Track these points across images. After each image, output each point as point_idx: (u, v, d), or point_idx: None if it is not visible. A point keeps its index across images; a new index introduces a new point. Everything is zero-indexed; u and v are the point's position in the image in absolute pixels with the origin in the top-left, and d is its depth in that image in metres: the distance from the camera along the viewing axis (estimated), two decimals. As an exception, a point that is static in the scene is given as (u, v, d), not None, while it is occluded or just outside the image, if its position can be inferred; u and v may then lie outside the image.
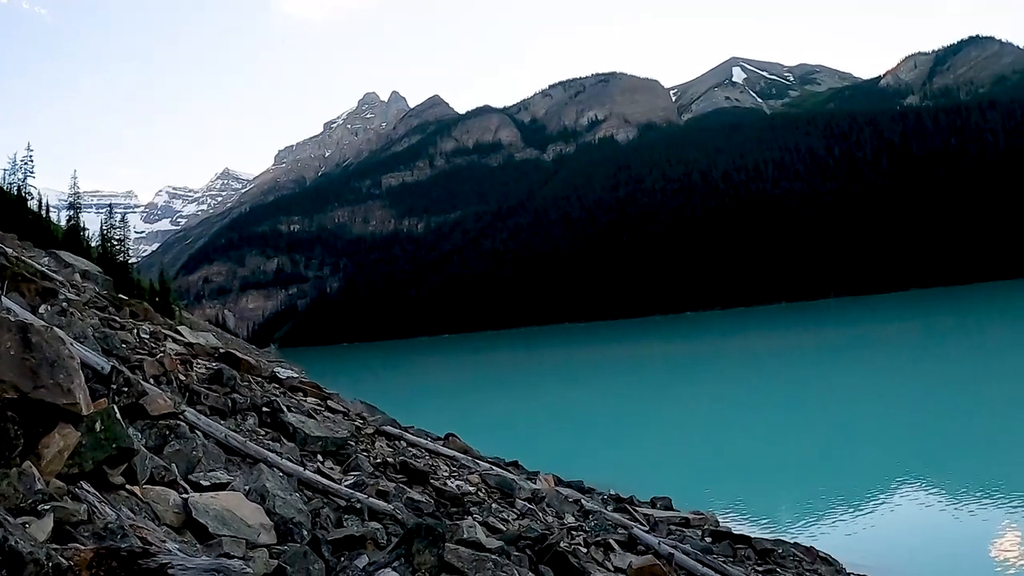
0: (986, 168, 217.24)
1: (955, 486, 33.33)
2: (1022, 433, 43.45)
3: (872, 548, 24.95)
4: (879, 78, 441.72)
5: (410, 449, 15.65)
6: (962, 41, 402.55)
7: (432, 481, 13.15)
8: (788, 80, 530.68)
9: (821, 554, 20.12)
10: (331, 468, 11.84)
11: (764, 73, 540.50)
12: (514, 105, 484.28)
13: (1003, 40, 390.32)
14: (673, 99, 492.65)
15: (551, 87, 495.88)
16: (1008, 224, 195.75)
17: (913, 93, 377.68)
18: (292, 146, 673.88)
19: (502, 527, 11.97)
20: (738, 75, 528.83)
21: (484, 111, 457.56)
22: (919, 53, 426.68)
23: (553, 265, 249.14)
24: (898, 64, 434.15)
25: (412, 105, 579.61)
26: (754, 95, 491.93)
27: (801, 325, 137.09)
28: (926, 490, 32.99)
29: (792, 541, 21.15)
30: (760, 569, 16.81)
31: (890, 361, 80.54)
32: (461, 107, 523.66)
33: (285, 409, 13.10)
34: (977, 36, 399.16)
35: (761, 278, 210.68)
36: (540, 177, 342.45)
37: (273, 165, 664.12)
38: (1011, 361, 71.64)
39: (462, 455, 16.73)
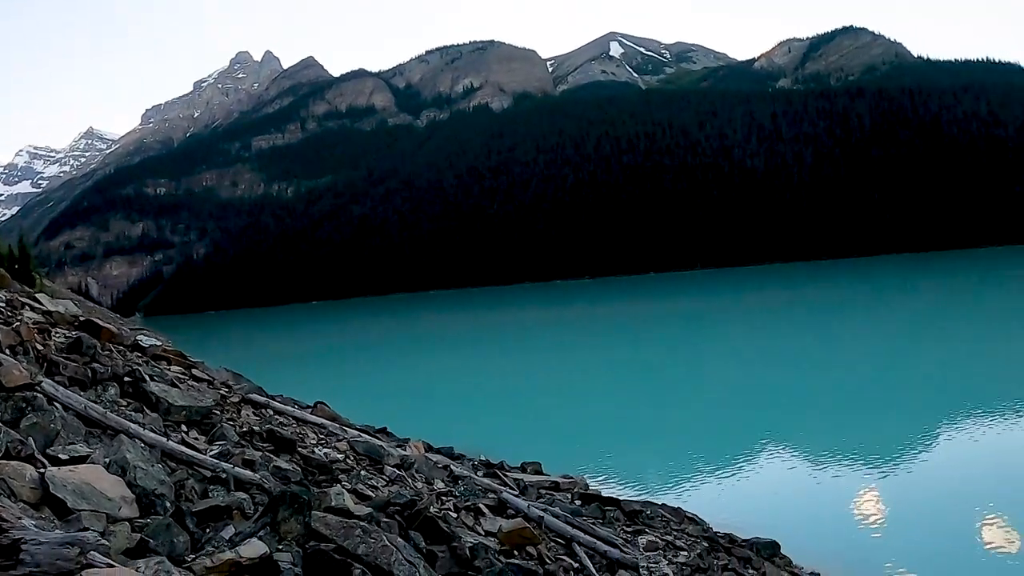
0: (851, 151, 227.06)
1: (817, 447, 34.47)
2: (878, 396, 45.33)
3: (737, 508, 25.61)
4: (753, 60, 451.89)
5: (277, 417, 15.34)
6: (836, 30, 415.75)
7: (300, 449, 12.90)
8: (664, 57, 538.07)
9: (688, 514, 20.47)
10: (196, 438, 11.49)
11: (641, 49, 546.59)
12: (389, 70, 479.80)
13: (875, 32, 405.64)
14: (550, 70, 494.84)
15: (428, 53, 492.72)
16: (869, 204, 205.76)
17: (785, 76, 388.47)
18: (160, 105, 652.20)
19: (371, 494, 11.83)
20: (616, 50, 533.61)
21: (359, 75, 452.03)
22: (794, 39, 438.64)
23: (423, 232, 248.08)
24: (773, 48, 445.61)
25: (286, 66, 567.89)
26: (630, 70, 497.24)
27: (668, 294, 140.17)
28: (790, 451, 34.06)
29: (660, 503, 21.56)
30: (629, 530, 17.02)
31: (753, 328, 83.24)
32: (336, 70, 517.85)
33: (148, 378, 12.73)
34: (851, 27, 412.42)
35: (630, 248, 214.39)
36: (413, 143, 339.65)
37: (140, 125, 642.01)
38: (869, 330, 74.83)
39: (330, 423, 16.53)
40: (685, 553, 16.43)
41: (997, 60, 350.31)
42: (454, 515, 12.98)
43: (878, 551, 23.34)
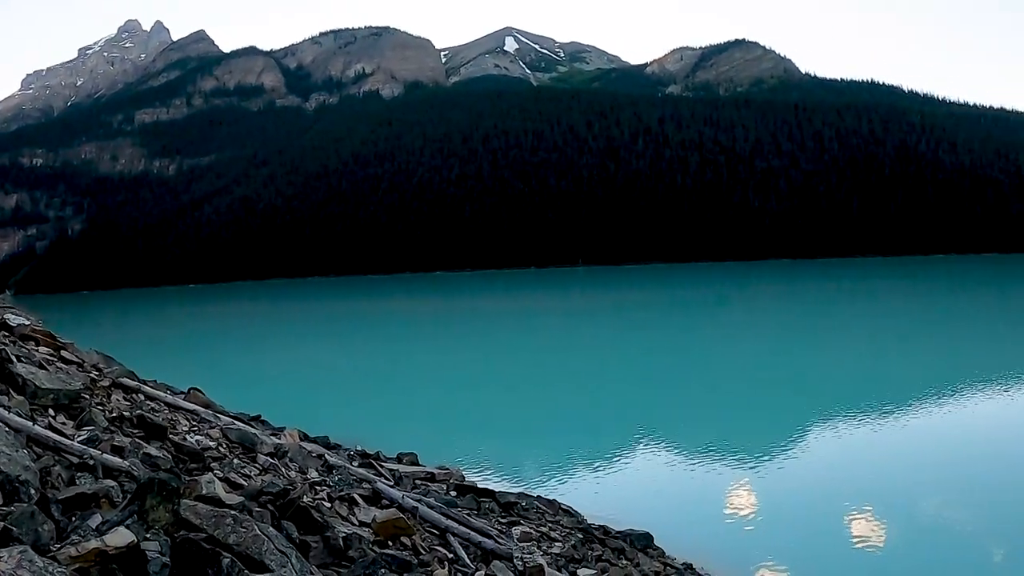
0: (735, 159, 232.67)
1: (690, 442, 35.30)
2: (750, 394, 46.60)
3: (611, 500, 26.13)
4: (646, 65, 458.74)
5: (149, 403, 14.89)
6: (729, 42, 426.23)
7: (171, 436, 12.58)
8: (558, 56, 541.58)
9: (563, 506, 20.77)
10: (63, 423, 11.09)
11: (536, 46, 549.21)
12: (281, 49, 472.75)
13: (766, 47, 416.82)
14: (443, 60, 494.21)
15: (322, 35, 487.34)
16: (748, 211, 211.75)
17: (676, 83, 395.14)
18: (41, 71, 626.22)
19: (244, 483, 11.57)
20: (510, 45, 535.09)
21: (250, 52, 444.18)
22: (687, 47, 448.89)
23: (305, 217, 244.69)
24: (666, 55, 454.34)
25: (175, 38, 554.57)
26: (523, 66, 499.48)
27: (549, 289, 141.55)
28: (663, 446, 34.82)
29: (535, 495, 21.80)
30: (504, 521, 17.06)
31: (629, 325, 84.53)
32: (227, 46, 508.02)
33: (14, 359, 12.34)
34: (743, 40, 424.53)
35: (513, 242, 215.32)
36: (300, 126, 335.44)
37: (19, 90, 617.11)
38: (743, 330, 76.78)
39: (204, 409, 16.22)
40: (560, 544, 16.60)
41: (881, 82, 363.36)
42: (328, 505, 12.86)
43: (749, 543, 24.01)
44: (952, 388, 50.24)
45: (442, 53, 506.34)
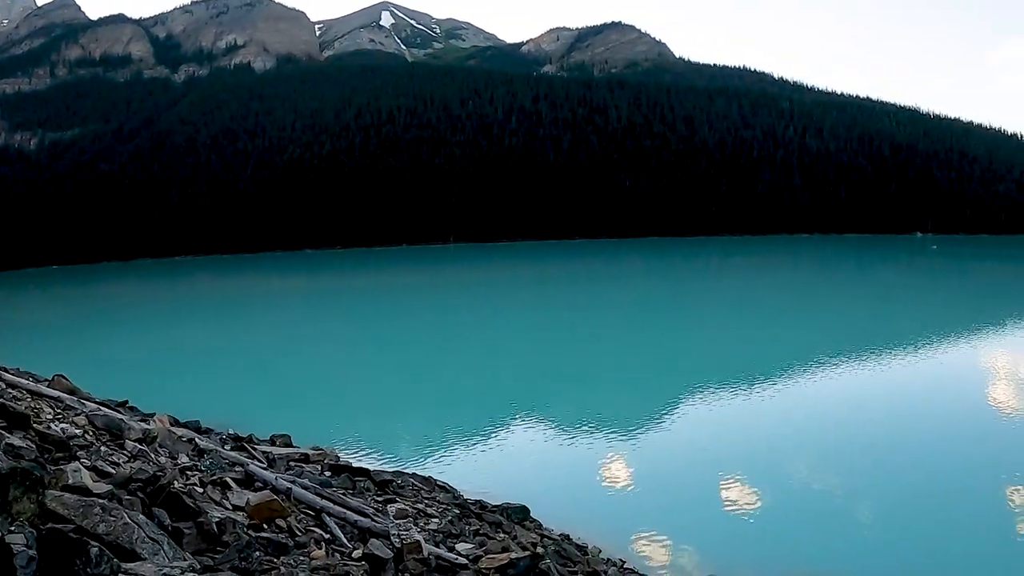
0: (607, 139, 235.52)
1: (564, 417, 36.22)
2: (622, 368, 47.56)
3: (487, 475, 27.34)
4: (522, 44, 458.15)
5: (10, 391, 14.51)
6: (605, 24, 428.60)
7: (35, 425, 12.20)
8: (435, 32, 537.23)
9: (439, 483, 21.28)
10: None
11: (412, 22, 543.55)
12: (151, 18, 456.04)
13: (642, 30, 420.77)
14: (317, 34, 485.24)
15: (193, 3, 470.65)
16: (619, 190, 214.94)
17: (551, 63, 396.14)
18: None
19: (112, 471, 11.38)
20: (386, 19, 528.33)
21: (117, 20, 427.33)
22: (563, 28, 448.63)
23: (173, 194, 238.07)
24: (542, 35, 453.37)
25: (40, 3, 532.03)
26: (399, 41, 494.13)
27: (421, 266, 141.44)
28: (537, 421, 35.61)
29: (411, 472, 22.28)
30: (379, 499, 17.30)
31: (502, 301, 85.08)
32: (94, 12, 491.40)
33: None
34: (620, 22, 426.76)
35: (384, 220, 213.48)
36: (168, 99, 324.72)
37: None
38: (615, 306, 77.98)
39: (68, 396, 15.81)
40: (436, 520, 16.88)
41: (752, 68, 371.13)
42: (200, 490, 12.74)
43: (625, 512, 25.49)
44: (814, 360, 52.60)
45: (316, 26, 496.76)
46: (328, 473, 18.40)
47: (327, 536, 12.80)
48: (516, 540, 17.83)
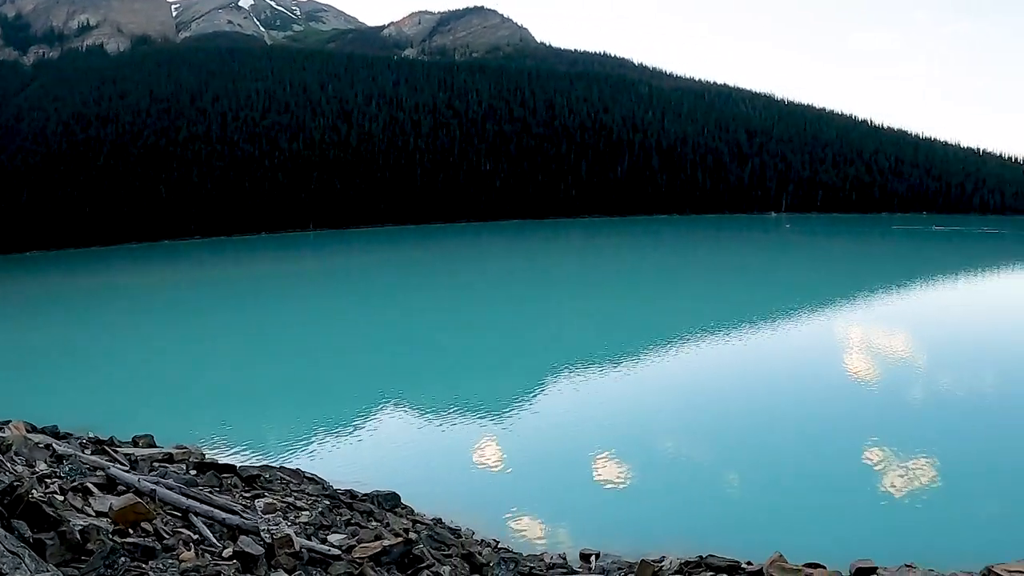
0: (467, 123, 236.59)
1: (430, 402, 36.42)
2: (486, 353, 47.97)
3: (356, 464, 27.38)
4: (383, 27, 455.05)
5: None
6: (467, 9, 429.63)
7: None
8: (295, 14, 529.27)
9: (308, 475, 21.29)
10: None
11: (272, 3, 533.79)
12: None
13: (504, 15, 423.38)
14: (174, 14, 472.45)
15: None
16: (479, 174, 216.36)
17: (412, 47, 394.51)
18: None
19: (-36, 484, 10.87)
20: (246, 1, 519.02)
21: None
22: (425, 12, 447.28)
23: (20, 185, 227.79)
24: (404, 18, 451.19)
25: None
26: (258, 23, 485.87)
27: (280, 255, 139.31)
28: (404, 408, 35.81)
29: (278, 465, 22.29)
30: (247, 495, 17.15)
31: (363, 289, 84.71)
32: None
33: None
34: (482, 7, 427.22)
35: (243, 208, 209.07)
36: (17, 82, 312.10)
37: None
38: (479, 289, 78.47)
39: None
40: (307, 513, 16.91)
41: (612, 54, 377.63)
42: (61, 498, 12.34)
43: (497, 493, 25.98)
44: (678, 336, 54.26)
45: (173, 7, 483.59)
46: (194, 472, 18.12)
47: (196, 536, 12.55)
48: (388, 527, 18.03)
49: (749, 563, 20.33)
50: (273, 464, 22.67)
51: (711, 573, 19.83)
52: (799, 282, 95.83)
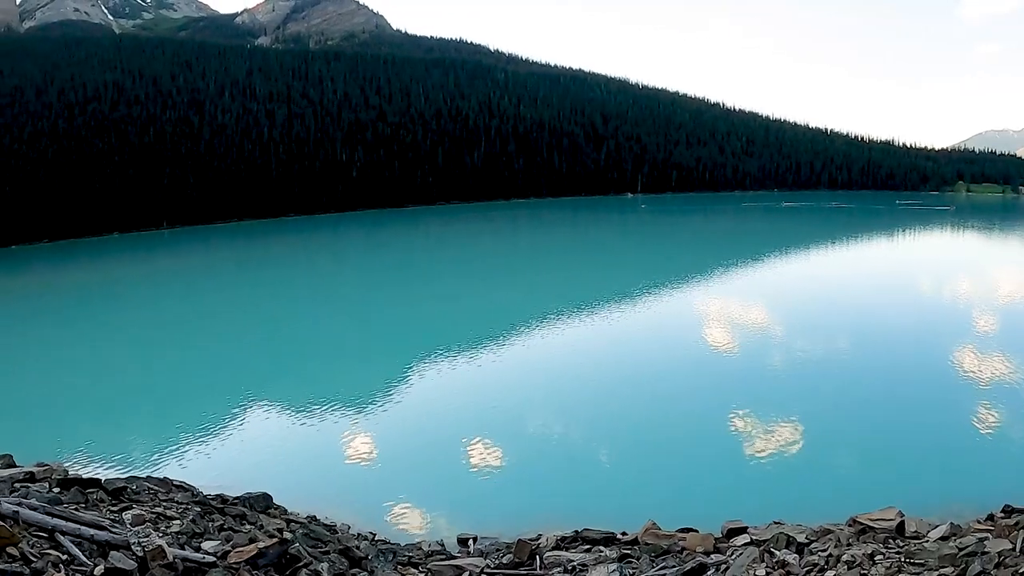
0: (323, 112, 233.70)
1: (296, 399, 36.53)
2: (350, 345, 48.19)
3: (225, 468, 27.44)
4: (237, 15, 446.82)
5: None
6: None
7: None
8: (146, 2, 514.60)
9: (176, 483, 20.78)
10: None
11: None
12: None
13: (360, 2, 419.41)
14: (18, 2, 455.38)
15: None
16: (338, 165, 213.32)
17: (266, 35, 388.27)
18: None
19: None
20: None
21: None
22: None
23: None
24: (257, 5, 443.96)
25: None
26: (106, 11, 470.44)
27: (135, 255, 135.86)
28: (270, 406, 35.63)
29: (145, 475, 21.74)
30: (115, 509, 16.70)
31: (226, 285, 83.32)
32: None
33: None
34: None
35: (93, 207, 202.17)
36: None
37: None
38: (333, 281, 78.30)
39: None
40: (178, 522, 16.51)
41: (469, 41, 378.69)
42: (-87, 531, 11.89)
43: (371, 486, 26.35)
44: (542, 317, 55.52)
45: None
46: (57, 489, 17.58)
47: (64, 557, 12.38)
48: (263, 529, 18.10)
49: (624, 533, 21.27)
50: (140, 475, 22.25)
51: (587, 546, 20.54)
52: (656, 260, 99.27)
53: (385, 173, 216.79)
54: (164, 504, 18.09)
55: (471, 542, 21.78)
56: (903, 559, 15.65)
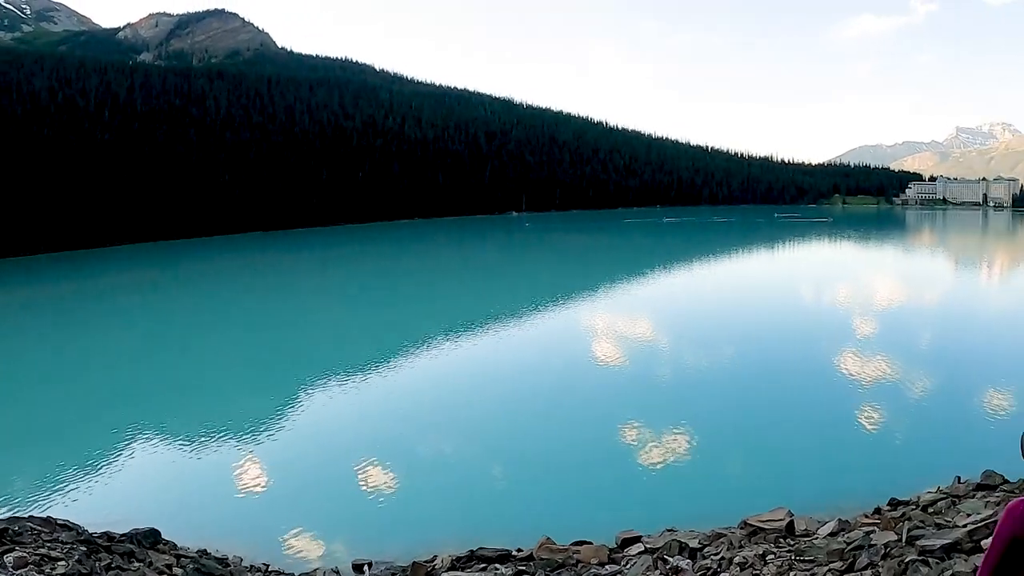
0: (205, 131, 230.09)
1: (180, 429, 35.83)
2: (240, 368, 48.24)
3: (112, 504, 26.27)
4: (119, 29, 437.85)
5: None
6: (208, 11, 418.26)
7: None
8: (24, 13, 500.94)
9: (60, 522, 19.74)
10: None
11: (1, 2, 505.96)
12: None
13: (245, 19, 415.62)
14: None
15: None
16: (218, 185, 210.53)
17: (149, 51, 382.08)
18: None
19: None
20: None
21: None
22: (163, 13, 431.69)
23: None
24: (141, 20, 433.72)
25: None
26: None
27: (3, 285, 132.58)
28: (155, 439, 34.64)
29: (27, 515, 20.61)
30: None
31: (104, 311, 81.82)
32: None
33: None
34: (223, 10, 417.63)
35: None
36: None
37: None
38: (215, 309, 77.68)
39: None
40: (63, 563, 15.97)
41: (354, 60, 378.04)
42: None
43: (265, 516, 25.80)
44: (431, 336, 56.39)
45: None
46: None
47: None
48: (152, 566, 18.05)
49: (519, 550, 21.73)
50: (21, 515, 20.54)
51: (483, 565, 20.82)
52: (540, 278, 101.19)
53: (269, 195, 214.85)
54: (48, 545, 17.24)
55: (366, 567, 21.62)
56: (793, 557, 16.30)
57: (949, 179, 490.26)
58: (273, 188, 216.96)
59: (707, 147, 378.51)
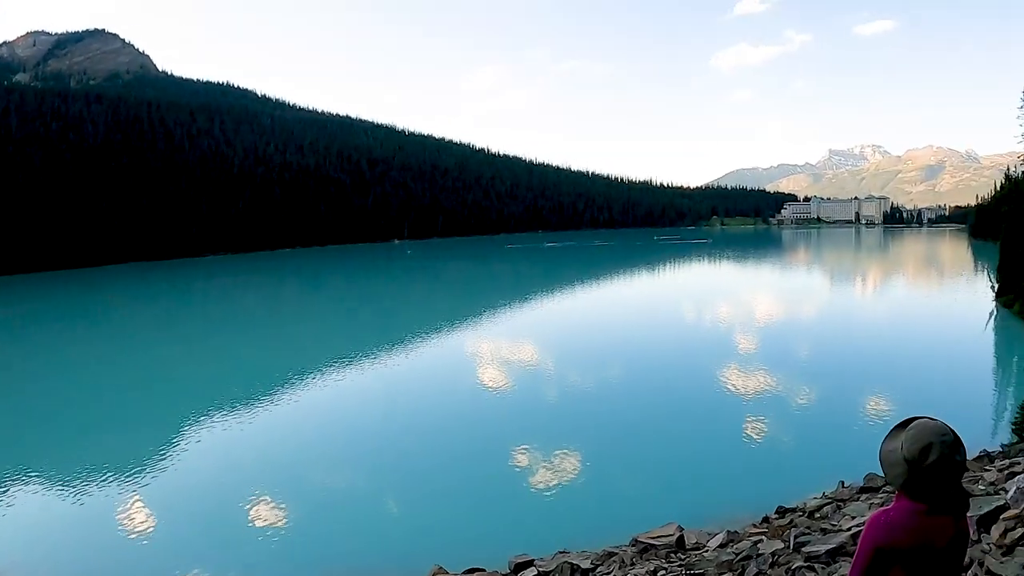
0: (83, 156, 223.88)
1: (56, 471, 34.22)
2: (110, 405, 46.81)
3: None
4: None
5: None
6: (87, 31, 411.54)
7: None
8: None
9: None
10: None
11: None
12: None
13: (126, 40, 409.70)
14: None
15: None
16: (97, 213, 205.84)
17: (25, 71, 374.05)
18: None
19: None
20: None
21: None
22: (42, 32, 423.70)
23: None
24: (18, 38, 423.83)
25: None
26: None
27: None
28: (27, 481, 33.00)
29: None
30: None
31: None
32: None
33: None
34: (103, 30, 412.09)
35: None
36: None
37: None
38: (89, 341, 76.05)
39: None
40: None
41: (236, 85, 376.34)
42: None
43: (154, 559, 24.84)
44: (315, 368, 56.45)
45: None
46: None
47: None
48: None
49: None
50: None
51: None
52: (421, 306, 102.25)
53: (148, 224, 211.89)
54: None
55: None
56: (684, 572, 16.40)
57: (823, 199, 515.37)
58: (152, 216, 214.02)
59: (588, 172, 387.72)
